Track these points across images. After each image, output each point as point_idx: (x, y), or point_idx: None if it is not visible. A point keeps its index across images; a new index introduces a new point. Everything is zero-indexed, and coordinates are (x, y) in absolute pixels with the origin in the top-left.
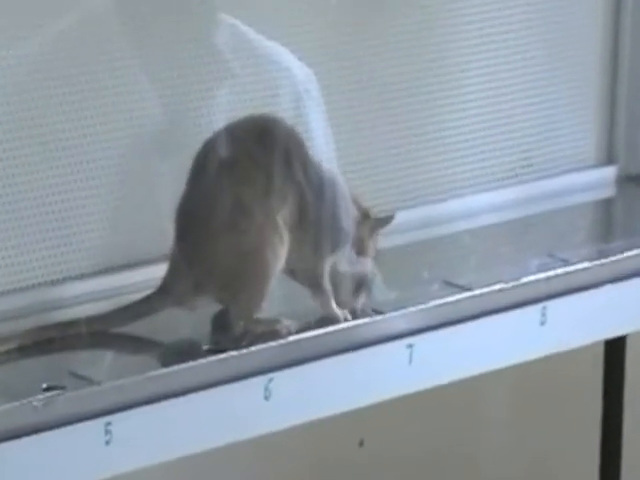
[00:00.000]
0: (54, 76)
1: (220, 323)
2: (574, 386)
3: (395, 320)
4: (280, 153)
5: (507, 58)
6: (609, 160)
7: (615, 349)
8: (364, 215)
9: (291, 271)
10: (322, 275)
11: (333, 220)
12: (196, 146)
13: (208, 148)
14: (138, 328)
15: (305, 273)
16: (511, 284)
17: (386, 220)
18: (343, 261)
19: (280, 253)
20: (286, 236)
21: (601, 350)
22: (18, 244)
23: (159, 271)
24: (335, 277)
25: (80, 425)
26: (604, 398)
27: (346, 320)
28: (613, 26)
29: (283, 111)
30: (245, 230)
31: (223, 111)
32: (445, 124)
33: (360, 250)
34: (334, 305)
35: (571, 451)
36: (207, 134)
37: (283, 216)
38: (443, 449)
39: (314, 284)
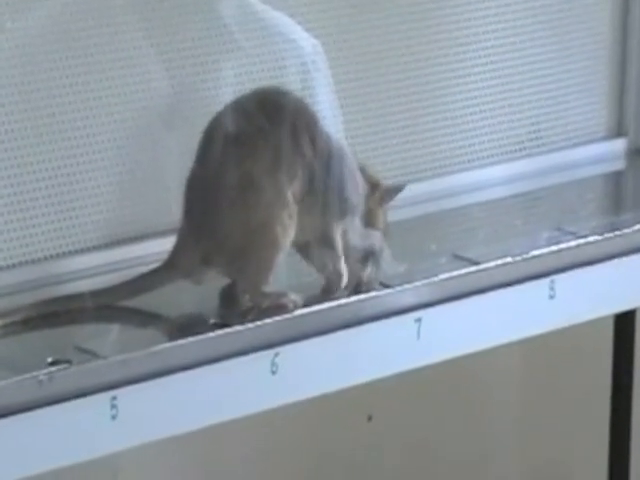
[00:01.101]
0: (60, 48)
1: (228, 297)
2: (583, 360)
3: (403, 294)
4: (290, 127)
5: (517, 30)
6: (619, 133)
7: (625, 323)
8: (373, 185)
9: (300, 245)
10: (334, 236)
11: (340, 191)
12: (202, 119)
13: (217, 122)
14: (144, 302)
15: (316, 239)
16: (520, 258)
17: (395, 190)
18: (352, 233)
19: (289, 228)
20: (295, 211)
21: (611, 324)
22: (24, 217)
23: (165, 244)
24: (344, 249)
25: (86, 399)
26: (614, 372)
27: (347, 288)
28: None
29: (290, 83)
30: (255, 205)
31: (229, 84)
32: (454, 96)
33: (370, 222)
34: (342, 264)
35: (580, 425)
36: (213, 107)
37: (293, 191)
38: (451, 424)
39: (326, 244)
